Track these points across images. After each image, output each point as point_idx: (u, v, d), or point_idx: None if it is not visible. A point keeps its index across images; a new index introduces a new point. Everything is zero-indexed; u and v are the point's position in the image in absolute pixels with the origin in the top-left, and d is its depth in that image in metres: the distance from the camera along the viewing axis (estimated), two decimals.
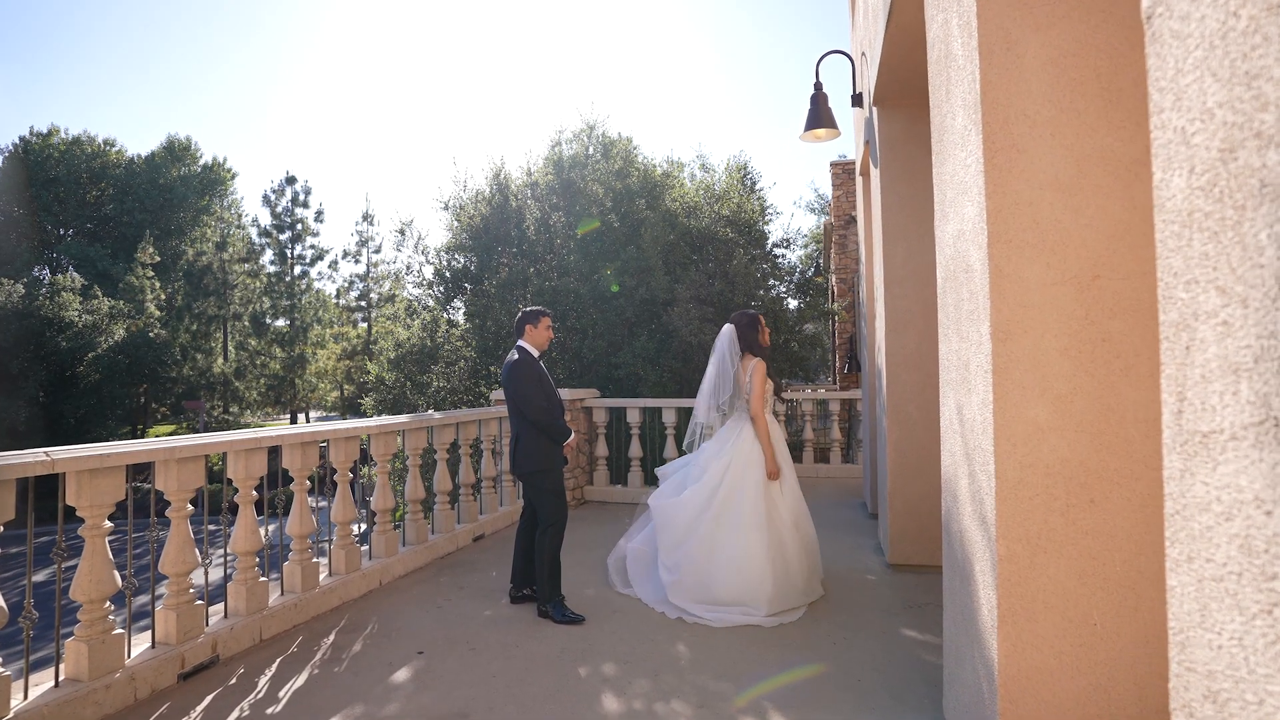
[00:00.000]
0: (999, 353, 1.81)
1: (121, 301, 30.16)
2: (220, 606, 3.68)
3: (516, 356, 4.16)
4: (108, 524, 2.90)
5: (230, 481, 3.69)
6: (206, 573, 3.57)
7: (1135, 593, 1.68)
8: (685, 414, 7.91)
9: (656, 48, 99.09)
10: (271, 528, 4.68)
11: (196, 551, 3.34)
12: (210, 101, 72.20)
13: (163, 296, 31.64)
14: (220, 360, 32.72)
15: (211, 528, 3.73)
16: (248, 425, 30.77)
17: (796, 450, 9.71)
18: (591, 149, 10.45)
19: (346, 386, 31.17)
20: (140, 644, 3.20)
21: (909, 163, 4.80)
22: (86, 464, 2.76)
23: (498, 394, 7.44)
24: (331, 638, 3.73)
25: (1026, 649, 1.76)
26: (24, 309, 28.02)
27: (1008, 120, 1.82)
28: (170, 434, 30.28)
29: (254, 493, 3.73)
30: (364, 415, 11.55)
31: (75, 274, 32.53)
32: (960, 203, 2.12)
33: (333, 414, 36.33)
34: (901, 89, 4.59)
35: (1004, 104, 1.82)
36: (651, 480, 7.90)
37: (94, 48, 66.62)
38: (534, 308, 4.35)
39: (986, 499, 1.87)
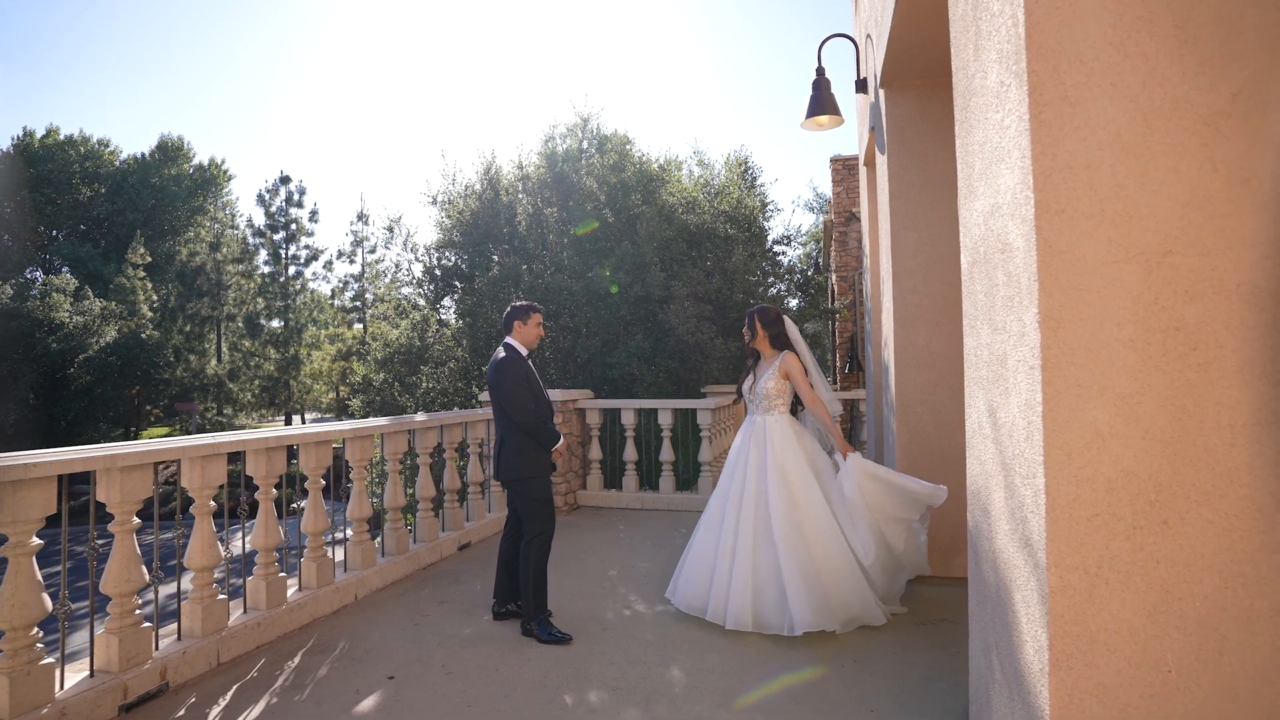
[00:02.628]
0: (1049, 344, 1.52)
1: (113, 302, 29.80)
2: (177, 627, 3.38)
3: (503, 354, 3.88)
4: (35, 541, 2.61)
5: (186, 490, 3.40)
6: (156, 591, 3.27)
7: (1219, 633, 1.39)
8: (682, 415, 7.62)
9: (651, 45, 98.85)
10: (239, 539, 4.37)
11: (144, 569, 3.04)
12: (211, 103, 71.84)
13: (154, 297, 31.26)
14: (214, 362, 32.37)
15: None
16: (242, 427, 30.41)
17: None
18: (586, 143, 10.16)
19: (342, 388, 30.82)
20: (78, 672, 2.90)
21: (919, 146, 4.52)
22: (7, 475, 2.46)
23: (487, 395, 7.15)
24: (297, 660, 3.43)
25: (1084, 699, 1.47)
26: (13, 310, 27.65)
27: (1058, 68, 1.53)
28: (165, 436, 29.89)
29: (213, 503, 3.44)
30: (353, 417, 11.24)
31: (67, 274, 32.17)
32: (994, 173, 1.83)
33: (328, 415, 35.99)
34: (912, 67, 4.30)
35: (1054, 49, 1.53)
36: (648, 483, 7.61)
37: (97, 51, 66.24)
38: (523, 303, 4.08)
39: (1032, 518, 1.58)
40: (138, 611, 3.02)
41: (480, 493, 5.97)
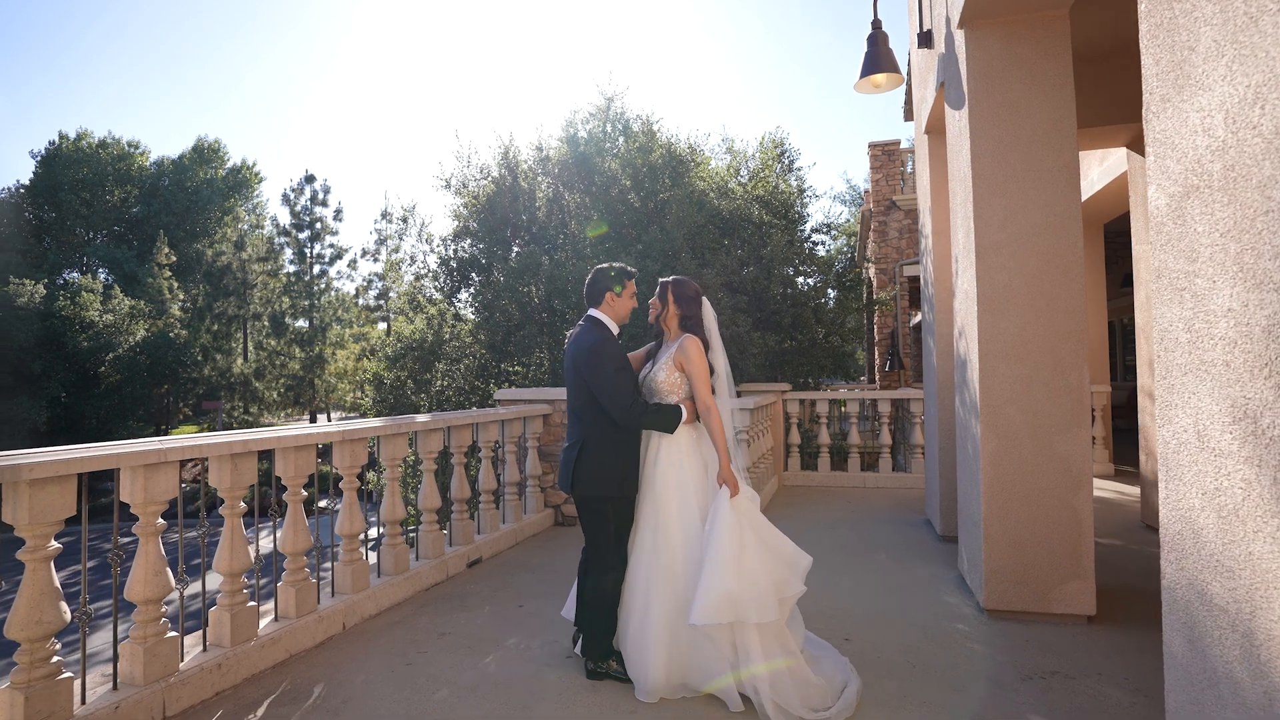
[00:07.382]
0: None
1: (141, 301, 30.06)
2: (113, 672, 2.80)
3: (596, 335, 3.03)
4: None
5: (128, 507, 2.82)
6: (84, 628, 2.68)
7: None
8: None
9: (676, 31, 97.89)
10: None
11: (62, 605, 2.46)
12: (238, 105, 72.85)
13: (181, 297, 31.49)
14: (240, 360, 32.46)
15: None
16: (268, 426, 30.41)
17: (840, 457, 8.66)
18: (609, 125, 9.50)
19: (366, 387, 30.68)
20: None
21: (1008, 95, 3.77)
22: None
23: (501, 394, 6.54)
24: (260, 712, 2.83)
25: None
26: (45, 309, 28.01)
27: None
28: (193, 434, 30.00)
29: (159, 521, 2.85)
30: (365, 417, 10.74)
31: (102, 275, 32.57)
32: (1253, 38, 1.11)
33: (352, 415, 35.96)
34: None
35: None
36: None
37: (127, 55, 67.59)
38: (617, 265, 3.19)
39: None
40: (55, 659, 2.44)
41: (493, 502, 5.35)
